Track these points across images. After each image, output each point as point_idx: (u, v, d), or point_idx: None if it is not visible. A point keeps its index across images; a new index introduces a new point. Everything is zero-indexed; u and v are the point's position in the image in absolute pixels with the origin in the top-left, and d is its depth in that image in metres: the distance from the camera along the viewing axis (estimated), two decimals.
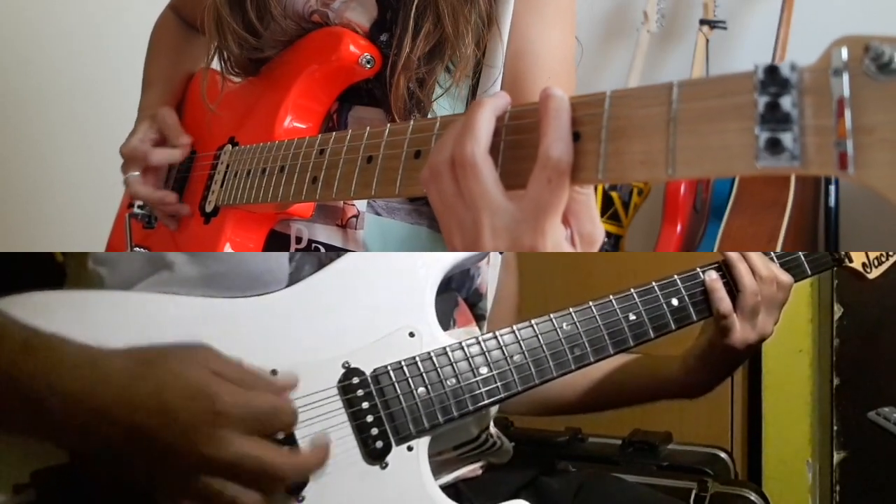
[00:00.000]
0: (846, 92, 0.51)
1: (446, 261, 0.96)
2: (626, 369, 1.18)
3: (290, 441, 0.82)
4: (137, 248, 1.31)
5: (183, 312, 0.87)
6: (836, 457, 2.09)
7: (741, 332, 1.04)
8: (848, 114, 0.51)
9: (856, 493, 2.08)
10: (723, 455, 1.64)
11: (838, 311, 2.06)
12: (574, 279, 2.11)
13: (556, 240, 0.69)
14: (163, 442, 0.73)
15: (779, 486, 2.11)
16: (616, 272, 2.12)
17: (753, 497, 1.44)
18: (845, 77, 0.51)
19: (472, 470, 1.06)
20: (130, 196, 1.31)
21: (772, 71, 0.53)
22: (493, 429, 1.08)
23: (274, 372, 0.84)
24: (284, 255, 0.96)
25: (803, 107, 0.53)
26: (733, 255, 1.05)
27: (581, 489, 1.14)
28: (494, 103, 0.72)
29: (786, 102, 0.53)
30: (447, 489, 0.89)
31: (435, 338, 0.91)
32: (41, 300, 0.84)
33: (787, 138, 0.53)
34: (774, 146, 0.53)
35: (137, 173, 1.25)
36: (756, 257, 1.05)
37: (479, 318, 1.09)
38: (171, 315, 0.87)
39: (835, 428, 2.09)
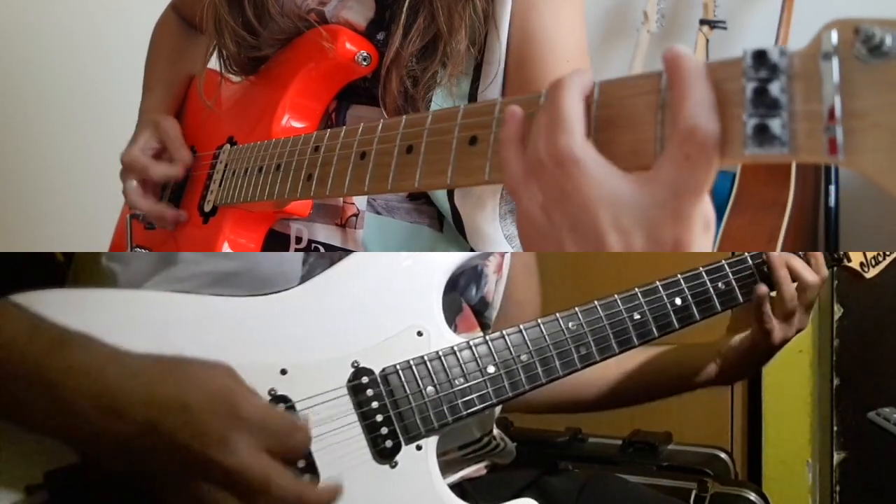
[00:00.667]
0: (836, 76, 0.50)
1: (453, 260, 0.96)
2: (658, 362, 1.20)
3: (307, 459, 0.83)
4: (138, 249, 1.31)
5: (193, 311, 0.87)
6: (836, 457, 2.08)
7: (781, 332, 1.09)
8: (838, 99, 0.50)
9: (856, 494, 2.08)
10: (723, 455, 1.64)
11: (838, 311, 2.06)
12: (573, 279, 2.10)
13: (704, 227, 0.61)
14: (178, 440, 0.73)
15: (779, 486, 2.11)
16: (616, 272, 2.11)
17: (753, 497, 1.43)
18: (835, 61, 0.50)
19: (476, 470, 1.06)
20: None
21: (760, 56, 0.52)
22: (496, 431, 1.08)
23: (283, 371, 0.84)
24: (298, 257, 0.96)
25: (793, 92, 0.52)
26: (777, 260, 1.07)
27: (584, 489, 1.15)
28: (580, 82, 0.64)
29: (774, 88, 0.52)
30: (453, 488, 0.89)
31: (443, 337, 0.91)
32: (53, 298, 0.84)
33: (775, 124, 0.52)
34: (762, 132, 0.52)
35: (135, 183, 1.24)
36: (798, 263, 1.08)
37: (484, 327, 1.10)
38: (181, 313, 0.87)
39: (835, 428, 2.08)
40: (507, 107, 0.67)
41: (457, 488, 0.97)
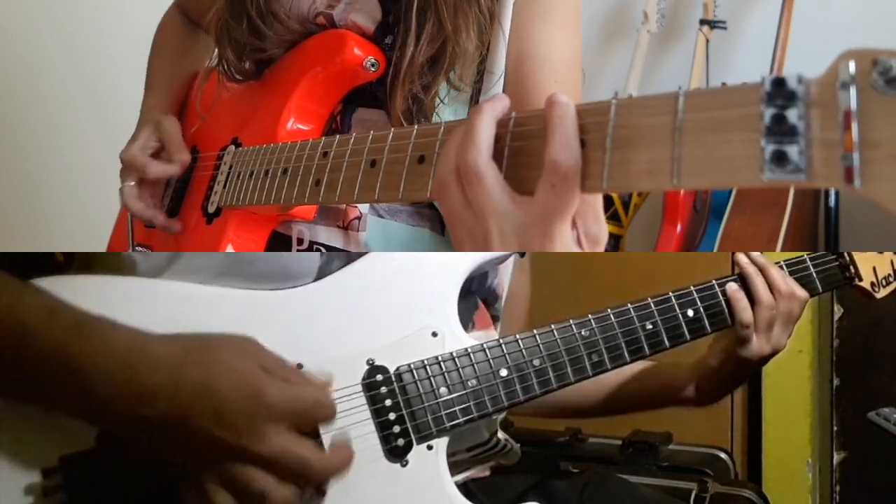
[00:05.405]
0: (853, 105, 0.51)
1: (470, 262, 0.96)
2: (641, 377, 1.19)
3: (315, 437, 0.83)
4: (139, 247, 1.31)
5: (212, 303, 0.88)
6: (836, 457, 2.09)
7: (757, 344, 1.05)
8: (855, 127, 0.50)
9: (856, 494, 2.08)
10: (723, 455, 1.65)
11: (838, 311, 2.07)
12: (574, 279, 2.11)
13: (565, 243, 0.70)
14: (204, 428, 0.74)
15: (779, 487, 2.12)
16: (616, 272, 2.12)
17: (753, 497, 1.45)
18: (852, 91, 0.51)
19: (481, 470, 1.07)
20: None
21: (779, 83, 0.53)
22: (500, 433, 1.08)
23: (300, 365, 0.85)
24: (315, 261, 0.97)
25: (809, 120, 0.53)
26: (750, 269, 1.06)
27: (585, 489, 1.15)
28: (493, 107, 0.72)
29: (792, 115, 0.53)
30: (459, 488, 0.89)
31: (457, 338, 0.91)
32: (73, 283, 0.85)
33: (792, 151, 0.53)
34: (780, 159, 0.53)
35: (133, 184, 1.25)
36: (774, 271, 1.07)
37: (494, 320, 1.10)
38: (200, 304, 0.88)
39: (835, 428, 2.09)
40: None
41: (462, 488, 0.98)
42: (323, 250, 1.11)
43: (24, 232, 2.32)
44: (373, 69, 1.05)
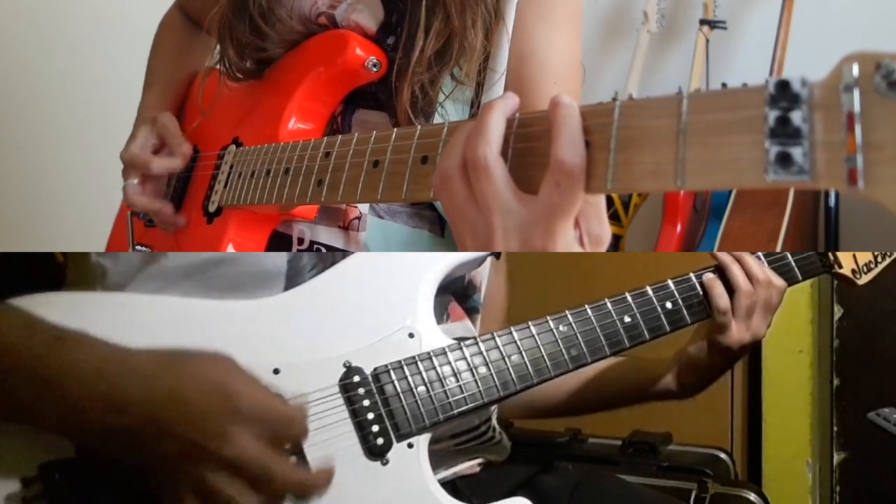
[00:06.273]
0: (857, 108, 0.51)
1: (446, 262, 0.97)
2: (615, 370, 1.19)
3: (297, 453, 0.83)
4: (139, 247, 1.31)
5: (187, 314, 0.89)
6: (836, 457, 2.09)
7: (737, 331, 1.06)
8: (858, 130, 0.51)
9: (856, 494, 2.08)
10: (723, 455, 1.65)
11: (838, 311, 2.07)
12: (574, 279, 2.11)
13: (567, 242, 0.70)
14: (177, 433, 0.74)
15: (779, 487, 2.12)
16: (616, 272, 2.12)
17: (753, 497, 1.44)
18: (856, 93, 0.51)
19: (469, 467, 1.06)
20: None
21: (783, 86, 0.53)
22: (494, 422, 1.08)
23: (276, 371, 0.85)
24: (283, 260, 0.97)
25: (813, 122, 0.53)
26: (726, 258, 1.07)
27: (578, 487, 1.15)
28: (504, 105, 0.73)
29: (796, 117, 0.53)
30: (444, 486, 0.89)
31: (434, 338, 0.92)
32: (48, 301, 0.85)
33: (797, 153, 0.53)
34: (785, 160, 0.53)
35: (136, 181, 1.24)
36: (750, 260, 1.08)
37: (473, 311, 1.10)
38: (175, 316, 0.88)
39: (835, 428, 2.09)
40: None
41: (449, 486, 0.98)
42: (323, 250, 1.12)
43: (24, 232, 2.32)
44: (375, 70, 1.05)
